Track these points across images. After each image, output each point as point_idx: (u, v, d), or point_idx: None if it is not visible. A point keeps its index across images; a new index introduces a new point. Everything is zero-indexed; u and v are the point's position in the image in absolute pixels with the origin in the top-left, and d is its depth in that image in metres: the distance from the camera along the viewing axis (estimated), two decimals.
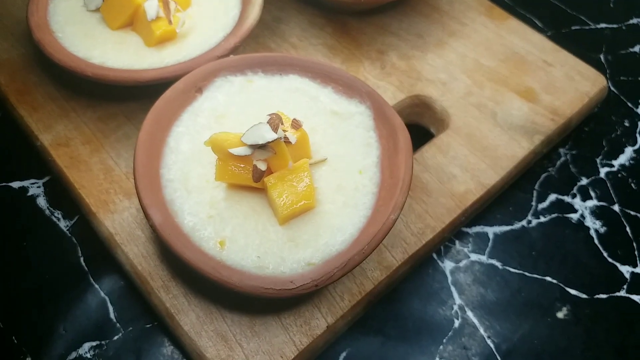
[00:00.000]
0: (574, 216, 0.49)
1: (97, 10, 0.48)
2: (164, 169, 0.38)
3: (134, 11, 0.46)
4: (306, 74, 0.44)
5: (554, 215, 0.49)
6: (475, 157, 0.47)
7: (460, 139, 0.48)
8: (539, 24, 0.66)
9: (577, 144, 0.54)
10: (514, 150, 0.48)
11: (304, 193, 0.36)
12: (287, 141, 0.37)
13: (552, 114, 0.51)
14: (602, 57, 0.63)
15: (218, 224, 0.36)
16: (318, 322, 0.38)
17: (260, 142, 0.35)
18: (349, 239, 0.36)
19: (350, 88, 0.44)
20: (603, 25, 0.66)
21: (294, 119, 0.39)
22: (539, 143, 0.49)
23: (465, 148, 0.48)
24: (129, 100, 0.48)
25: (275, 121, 0.35)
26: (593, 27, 0.66)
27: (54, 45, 0.44)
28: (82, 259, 0.44)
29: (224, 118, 0.41)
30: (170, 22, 0.45)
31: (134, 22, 0.46)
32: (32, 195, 0.47)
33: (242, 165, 0.36)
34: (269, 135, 0.35)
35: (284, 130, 0.37)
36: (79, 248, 0.44)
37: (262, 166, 0.36)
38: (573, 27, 0.66)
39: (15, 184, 0.48)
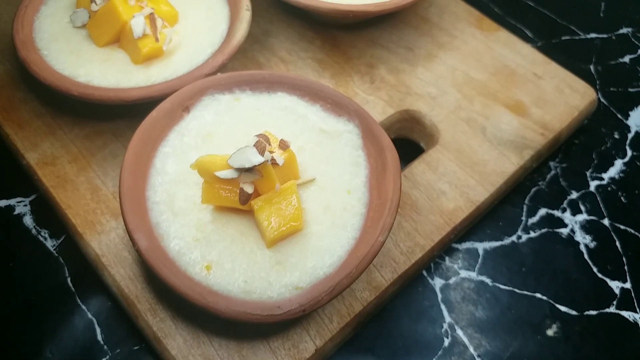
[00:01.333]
0: (564, 231, 0.49)
1: (83, 26, 0.47)
2: (149, 190, 0.38)
3: (120, 28, 0.45)
4: (294, 92, 0.44)
5: (544, 230, 0.49)
6: (465, 173, 0.47)
7: (449, 155, 0.48)
8: (529, 34, 0.66)
9: (567, 157, 0.54)
10: (504, 166, 0.48)
11: (292, 216, 0.36)
12: (274, 163, 0.36)
13: (542, 128, 0.51)
14: (592, 67, 0.63)
15: (204, 247, 0.36)
16: (306, 345, 0.38)
17: (247, 165, 0.34)
18: (337, 262, 0.36)
19: (338, 106, 0.43)
20: (593, 35, 0.66)
21: (282, 139, 0.38)
22: (528, 158, 0.49)
23: (454, 164, 0.48)
24: (116, 118, 0.48)
25: (262, 144, 0.35)
26: (583, 37, 0.66)
27: (39, 63, 0.44)
28: (69, 279, 0.44)
29: (211, 137, 0.41)
30: (157, 39, 0.44)
31: (120, 39, 0.46)
32: (18, 214, 0.46)
33: (228, 188, 0.36)
34: (255, 159, 0.34)
35: (271, 152, 0.37)
36: (65, 268, 0.44)
37: (249, 189, 0.36)
38: (563, 37, 0.66)
39: (1, 203, 0.47)
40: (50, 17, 0.48)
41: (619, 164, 0.54)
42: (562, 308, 0.45)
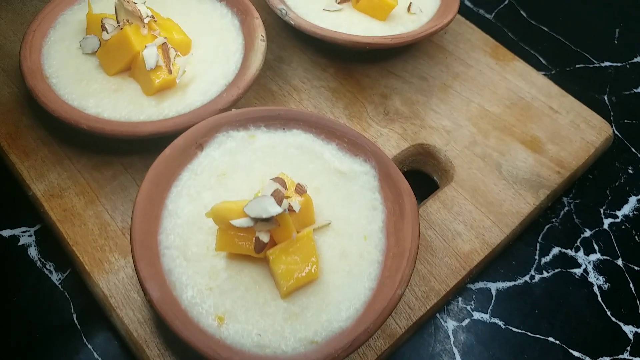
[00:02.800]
0: (578, 271, 0.49)
1: (94, 53, 0.46)
2: (162, 234, 0.37)
3: (132, 58, 0.44)
4: (310, 129, 0.43)
5: (557, 270, 0.48)
6: (480, 212, 0.46)
7: (465, 193, 0.47)
8: (543, 61, 0.65)
9: (580, 193, 0.53)
10: (519, 206, 0.47)
11: (308, 267, 0.35)
12: (291, 210, 0.35)
13: (558, 166, 0.50)
14: (606, 97, 0.62)
15: (218, 297, 0.35)
16: None
17: (264, 216, 0.34)
18: (353, 315, 0.35)
19: (354, 145, 0.42)
20: (607, 63, 0.66)
21: (298, 183, 0.37)
22: (544, 198, 0.48)
23: (470, 203, 0.47)
24: (126, 148, 0.46)
25: (279, 194, 0.34)
26: (597, 65, 0.65)
27: (47, 94, 0.43)
28: (74, 316, 0.42)
29: (225, 177, 0.40)
30: (169, 71, 0.43)
31: (132, 68, 0.45)
32: (23, 244, 0.45)
33: (244, 235, 0.35)
34: (273, 210, 0.33)
35: (287, 197, 0.36)
36: (71, 304, 0.43)
37: (265, 238, 0.35)
38: (577, 65, 0.65)
39: (5, 232, 0.46)
40: (60, 42, 0.47)
41: (633, 200, 0.54)
42: (576, 353, 0.44)
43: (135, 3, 0.44)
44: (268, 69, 0.54)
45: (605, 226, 0.52)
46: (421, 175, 0.52)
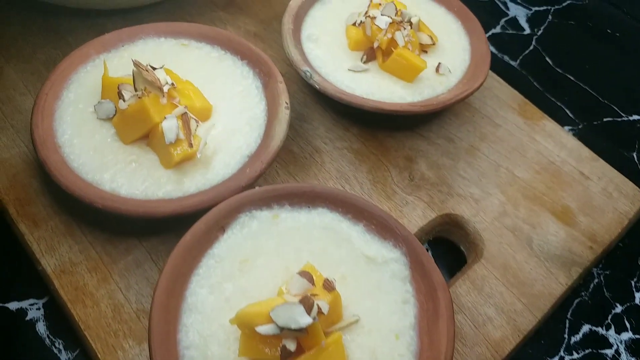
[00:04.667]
0: (609, 352, 0.47)
1: (108, 119, 0.44)
2: (181, 332, 0.35)
3: (150, 129, 0.42)
4: (336, 208, 0.41)
5: (587, 351, 0.46)
6: (512, 295, 0.44)
7: (495, 271, 0.45)
8: (570, 114, 0.63)
9: (611, 263, 0.51)
10: (551, 287, 0.45)
11: None
12: (319, 312, 0.33)
13: (590, 240, 0.48)
14: (635, 155, 0.60)
15: None
16: None
17: (293, 326, 0.31)
18: None
19: (383, 228, 0.40)
20: (635, 117, 0.63)
21: (326, 279, 0.35)
22: (576, 277, 0.46)
23: (500, 283, 0.45)
24: (142, 223, 0.44)
25: (309, 301, 0.32)
26: (625, 118, 0.63)
27: (60, 167, 0.40)
28: None
29: (247, 264, 0.38)
30: (190, 144, 0.41)
31: (150, 137, 0.42)
32: (31, 319, 0.43)
33: (269, 341, 0.33)
34: (302, 320, 0.31)
35: (314, 295, 0.34)
36: None
37: (292, 346, 0.33)
38: (605, 119, 0.63)
39: (13, 305, 0.44)
40: (73, 105, 0.44)
41: None
42: None
43: (155, 68, 0.42)
44: (289, 127, 0.51)
45: (637, 300, 0.50)
46: (447, 244, 0.50)
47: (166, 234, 0.44)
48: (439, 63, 0.51)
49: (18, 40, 0.55)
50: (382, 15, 0.49)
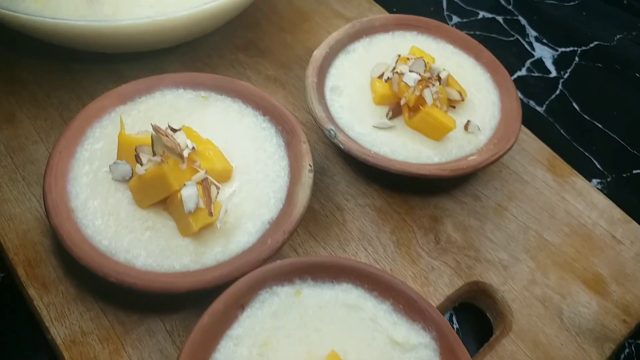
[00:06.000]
0: None
1: (124, 181, 0.42)
2: None
3: (168, 195, 0.40)
4: (362, 284, 0.39)
5: None
6: None
7: (524, 347, 0.43)
8: (598, 165, 0.60)
9: None
10: None
11: None
12: None
13: (624, 313, 0.46)
14: None
15: None
16: None
17: None
18: None
19: (412, 308, 0.38)
20: None
21: None
22: (609, 354, 0.44)
23: None
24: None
25: None
26: None
27: (73, 235, 0.38)
28: None
29: (268, 347, 0.36)
30: (210, 213, 0.39)
31: (167, 202, 0.40)
32: None
33: None
34: None
35: None
36: None
37: None
38: (634, 171, 0.61)
39: None
40: (88, 164, 0.42)
41: None
42: None
43: (174, 130, 0.40)
44: None
45: None
46: (472, 308, 0.48)
47: (180, 301, 0.42)
48: (468, 121, 0.49)
49: (31, 83, 0.53)
50: (410, 71, 0.47)
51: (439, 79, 0.48)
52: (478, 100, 0.51)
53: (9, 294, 0.45)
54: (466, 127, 0.49)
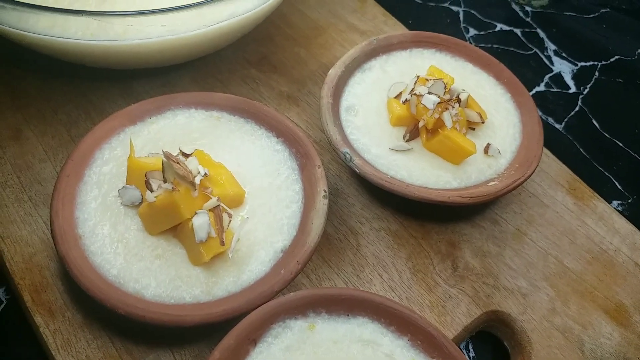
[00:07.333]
0: None
1: (133, 206, 0.40)
2: None
3: (179, 223, 0.38)
4: (378, 319, 0.38)
5: None
6: None
7: None
8: (619, 186, 0.59)
9: None
10: None
11: None
12: None
13: None
14: None
15: None
16: None
17: None
18: None
19: (431, 344, 0.37)
20: None
21: None
22: None
23: None
24: None
25: None
26: None
27: (80, 264, 0.37)
28: None
29: None
30: (222, 242, 0.38)
31: (178, 230, 0.39)
32: None
33: None
34: None
35: None
36: None
37: None
38: None
39: None
40: (96, 188, 0.41)
41: None
42: None
43: (186, 155, 0.39)
44: None
45: None
46: (490, 338, 0.46)
47: (189, 331, 0.41)
48: (488, 144, 0.47)
49: (38, 98, 0.52)
50: (429, 93, 0.45)
51: (459, 100, 0.46)
52: (498, 122, 0.49)
53: (14, 319, 0.44)
54: (486, 151, 0.47)
